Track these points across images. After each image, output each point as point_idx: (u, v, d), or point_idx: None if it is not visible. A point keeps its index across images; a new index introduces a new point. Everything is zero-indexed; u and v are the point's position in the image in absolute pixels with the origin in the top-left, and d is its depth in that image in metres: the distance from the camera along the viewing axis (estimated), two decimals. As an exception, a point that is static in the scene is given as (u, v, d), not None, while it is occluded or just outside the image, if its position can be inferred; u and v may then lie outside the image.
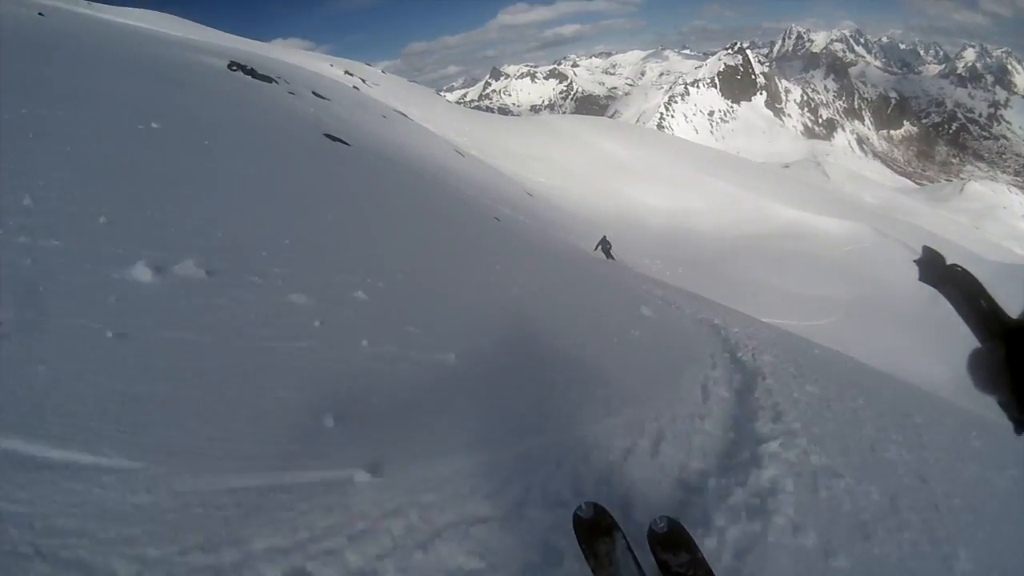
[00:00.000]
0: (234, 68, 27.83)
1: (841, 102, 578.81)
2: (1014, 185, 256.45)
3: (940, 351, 30.19)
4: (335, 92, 36.54)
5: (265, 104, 20.90)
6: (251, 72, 28.35)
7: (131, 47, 21.49)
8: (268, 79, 28.70)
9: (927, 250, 1.50)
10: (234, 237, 5.80)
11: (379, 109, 39.69)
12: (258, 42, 72.39)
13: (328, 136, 17.13)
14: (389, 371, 4.30)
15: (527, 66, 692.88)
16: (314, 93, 31.55)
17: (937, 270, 1.47)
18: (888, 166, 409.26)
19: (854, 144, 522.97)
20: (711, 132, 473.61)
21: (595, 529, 3.01)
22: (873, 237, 52.18)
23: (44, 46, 14.12)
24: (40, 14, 21.09)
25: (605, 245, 22.37)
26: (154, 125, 9.03)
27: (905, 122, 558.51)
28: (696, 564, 2.94)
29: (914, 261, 1.49)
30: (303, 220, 7.61)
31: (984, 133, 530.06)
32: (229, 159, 9.75)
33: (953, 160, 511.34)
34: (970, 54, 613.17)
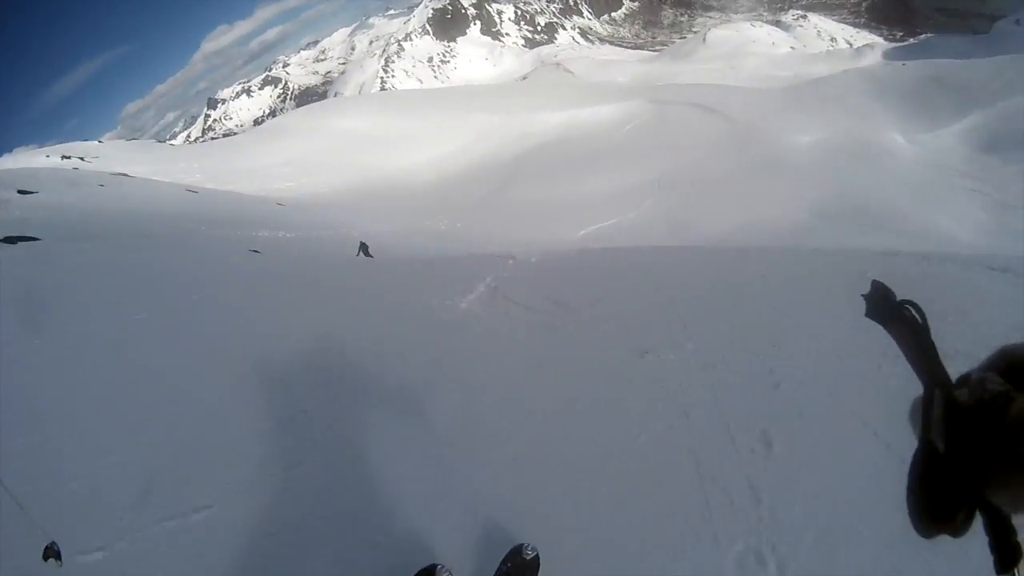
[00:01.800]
0: None
1: (555, 5, 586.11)
2: (755, 21, 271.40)
3: (763, 195, 30.40)
4: (45, 182, 32.27)
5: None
6: (-79, 201, 24.35)
7: None
8: (-50, 200, 24.86)
9: (876, 285, 1.20)
10: None
11: (96, 180, 35.53)
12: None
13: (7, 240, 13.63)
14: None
15: (240, 84, 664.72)
16: (19, 191, 27.57)
17: (887, 308, 1.17)
18: (619, 46, 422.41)
19: (578, 38, 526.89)
20: (435, 77, 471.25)
21: None
22: (648, 108, 53.26)
23: None
24: None
25: (364, 247, 21.24)
26: None
27: (624, 1, 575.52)
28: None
29: (862, 295, 1.20)
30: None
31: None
32: None
33: (682, 19, 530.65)
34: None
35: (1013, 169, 32.17)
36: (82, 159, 56.89)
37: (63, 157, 58.26)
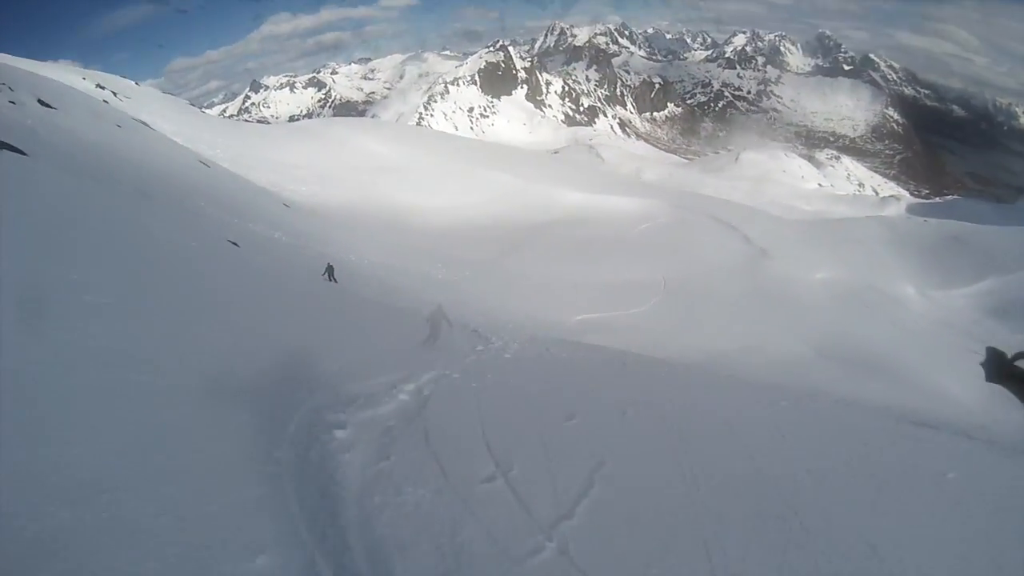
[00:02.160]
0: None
1: (603, 90, 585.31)
2: (790, 152, 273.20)
3: (769, 321, 30.01)
4: (69, 103, 32.23)
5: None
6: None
7: None
8: (-20, 88, 25.13)
9: (991, 351, 1.41)
10: None
11: (116, 119, 35.30)
12: (32, 60, 63.50)
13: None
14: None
15: (286, 76, 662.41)
16: (40, 102, 27.91)
17: (1002, 368, 1.40)
18: (653, 145, 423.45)
19: (616, 128, 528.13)
20: (471, 128, 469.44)
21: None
22: (669, 211, 53.25)
23: None
24: None
25: (330, 270, 20.70)
26: None
27: (669, 103, 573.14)
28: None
29: (980, 364, 1.36)
30: None
31: (753, 108, 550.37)
32: None
33: (720, 134, 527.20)
34: (740, 39, 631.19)
35: (1021, 338, 32.00)
36: (115, 94, 57.50)
37: (98, 86, 58.79)
